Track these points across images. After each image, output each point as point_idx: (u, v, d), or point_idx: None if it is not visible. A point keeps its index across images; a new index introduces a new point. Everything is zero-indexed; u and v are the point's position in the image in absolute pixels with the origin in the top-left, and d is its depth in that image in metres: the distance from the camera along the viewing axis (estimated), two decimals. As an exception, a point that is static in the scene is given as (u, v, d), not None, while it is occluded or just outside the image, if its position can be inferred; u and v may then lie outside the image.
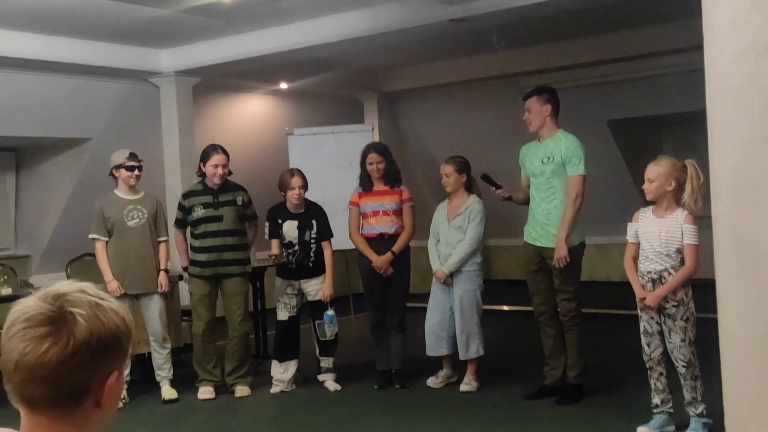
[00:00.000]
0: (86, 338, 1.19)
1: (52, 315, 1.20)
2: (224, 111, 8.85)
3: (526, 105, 5.15)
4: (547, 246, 5.04)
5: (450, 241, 5.52)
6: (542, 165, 5.05)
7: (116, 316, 1.25)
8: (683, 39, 6.59)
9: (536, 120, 5.10)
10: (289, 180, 5.66)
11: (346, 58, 7.72)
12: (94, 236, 5.58)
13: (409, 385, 5.72)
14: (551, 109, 5.09)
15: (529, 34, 7.30)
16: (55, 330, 1.18)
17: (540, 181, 5.08)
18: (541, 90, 5.20)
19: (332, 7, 6.04)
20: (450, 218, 5.56)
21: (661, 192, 4.23)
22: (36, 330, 1.18)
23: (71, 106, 7.05)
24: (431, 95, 9.68)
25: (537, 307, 5.25)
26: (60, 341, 1.18)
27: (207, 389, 5.68)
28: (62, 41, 6.46)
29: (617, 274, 9.91)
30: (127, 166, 5.55)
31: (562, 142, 5.03)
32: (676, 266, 4.20)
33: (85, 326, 1.19)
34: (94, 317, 1.21)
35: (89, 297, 1.24)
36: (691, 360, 4.18)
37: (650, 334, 4.32)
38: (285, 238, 5.70)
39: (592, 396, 5.17)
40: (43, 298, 1.22)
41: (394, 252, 5.67)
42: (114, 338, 1.23)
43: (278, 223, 5.73)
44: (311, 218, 5.72)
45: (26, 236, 7.83)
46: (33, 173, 7.74)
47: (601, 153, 9.09)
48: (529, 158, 5.18)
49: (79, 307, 1.21)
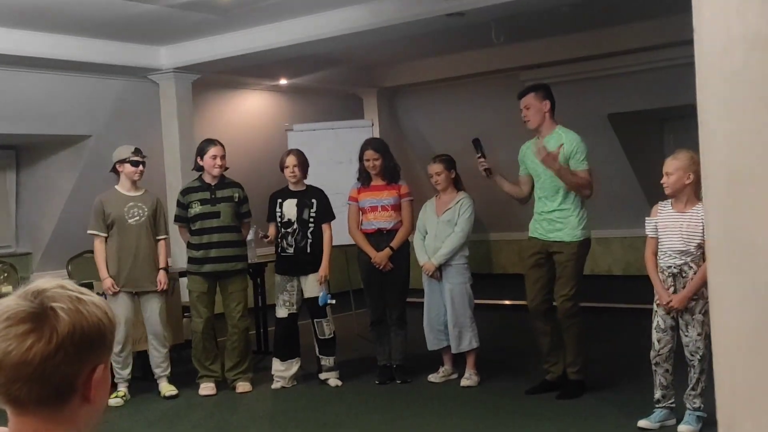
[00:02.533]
0: (69, 332, 1.18)
1: (32, 312, 1.18)
2: (224, 107, 8.84)
3: (523, 102, 5.06)
4: (558, 240, 4.99)
5: (439, 235, 5.57)
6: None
7: (98, 309, 1.24)
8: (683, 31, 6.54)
9: (535, 117, 5.02)
10: (285, 158, 5.72)
11: (345, 53, 7.70)
12: (92, 232, 5.58)
13: (411, 380, 5.73)
14: (549, 104, 5.03)
15: (528, 28, 7.28)
16: (37, 326, 1.17)
17: (544, 179, 5.01)
18: (538, 87, 5.13)
19: (331, 3, 6.03)
20: (439, 213, 5.62)
21: (679, 186, 4.19)
22: (17, 328, 1.17)
23: (71, 103, 7.05)
24: (431, 90, 9.66)
25: (531, 302, 5.18)
26: (43, 337, 1.17)
27: (208, 385, 5.69)
28: (60, 39, 6.45)
29: (619, 268, 9.94)
30: (132, 161, 5.55)
31: (563, 137, 4.96)
32: (697, 260, 4.16)
33: (67, 320, 1.18)
34: (76, 311, 1.20)
35: (69, 292, 1.23)
36: (705, 354, 4.15)
37: (663, 330, 4.29)
38: (284, 216, 5.69)
39: (594, 390, 5.16)
40: (23, 296, 1.21)
41: (393, 247, 5.67)
42: (97, 331, 1.22)
43: (277, 204, 5.73)
44: (311, 197, 5.72)
45: (27, 234, 7.84)
46: (33, 171, 7.74)
47: (602, 147, 9.07)
48: (530, 157, 5.10)
49: (60, 301, 1.20)
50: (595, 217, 9.73)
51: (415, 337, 5.92)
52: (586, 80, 8.70)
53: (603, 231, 9.74)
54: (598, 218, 10.05)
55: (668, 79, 8.02)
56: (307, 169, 5.79)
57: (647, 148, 9.19)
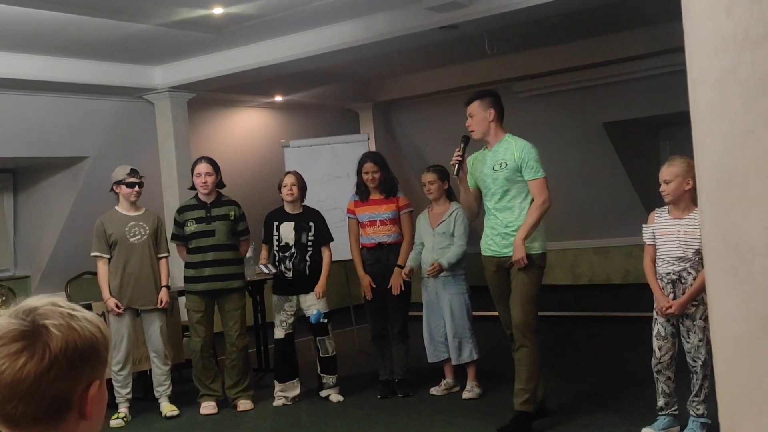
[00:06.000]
0: (62, 348, 1.18)
1: (24, 330, 1.18)
2: (220, 125, 8.86)
3: (468, 111, 4.72)
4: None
5: (436, 247, 5.58)
6: (494, 173, 4.60)
7: (91, 325, 1.23)
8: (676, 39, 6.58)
9: (479, 126, 4.67)
10: (283, 178, 5.74)
11: (340, 68, 7.73)
12: (96, 254, 5.58)
13: (413, 394, 5.70)
14: (494, 113, 4.66)
15: (521, 39, 7.31)
16: (30, 344, 1.17)
17: (494, 191, 4.62)
18: (483, 94, 4.79)
19: (324, 19, 6.06)
20: (434, 225, 5.63)
21: (679, 192, 4.18)
22: (10, 347, 1.17)
23: (67, 125, 7.06)
24: (425, 103, 9.69)
25: (506, 327, 4.79)
26: (36, 355, 1.16)
27: (209, 404, 5.66)
28: (55, 61, 6.47)
29: (618, 277, 9.92)
30: (128, 182, 5.56)
31: (512, 145, 4.61)
32: (695, 266, 4.16)
33: (59, 337, 1.18)
34: (68, 327, 1.20)
35: (61, 309, 1.23)
36: (707, 360, 4.13)
37: (663, 338, 4.28)
38: (282, 240, 5.69)
39: (596, 397, 5.14)
40: (15, 315, 1.21)
41: (401, 265, 5.68)
42: (91, 347, 1.22)
43: (273, 226, 5.72)
44: (309, 220, 5.71)
45: (25, 257, 7.82)
46: (31, 194, 7.74)
47: (598, 156, 9.11)
48: (478, 168, 4.72)
49: (52, 318, 1.20)
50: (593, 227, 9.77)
51: (415, 350, 5.91)
52: (581, 89, 8.73)
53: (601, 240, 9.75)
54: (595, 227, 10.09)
55: (662, 87, 8.04)
56: (305, 193, 5.78)
57: (643, 156, 9.20)
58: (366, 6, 5.80)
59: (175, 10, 5.54)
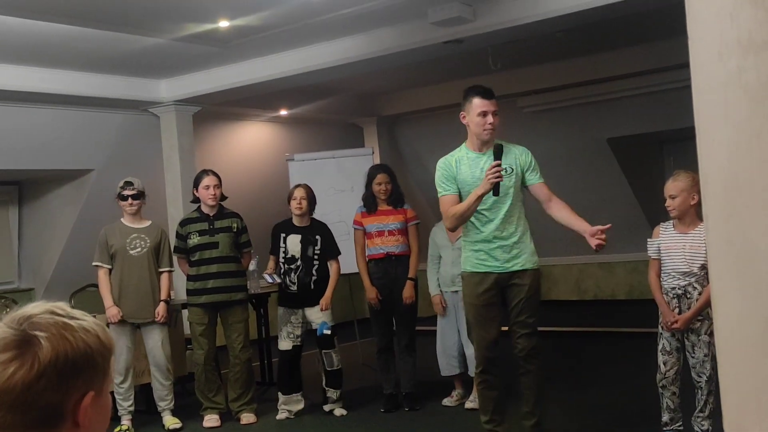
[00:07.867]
0: (51, 359, 1.16)
1: (15, 339, 1.17)
2: (225, 139, 8.88)
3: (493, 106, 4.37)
4: (520, 269, 4.20)
5: (455, 261, 5.51)
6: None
7: (87, 334, 1.21)
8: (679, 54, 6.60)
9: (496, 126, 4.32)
10: (293, 191, 5.72)
11: (344, 83, 7.76)
12: (96, 263, 5.58)
13: (419, 408, 5.67)
14: None
15: (526, 55, 7.33)
16: (20, 354, 1.16)
17: (494, 199, 4.13)
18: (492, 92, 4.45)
19: (329, 33, 6.09)
20: (453, 240, 5.56)
21: (685, 207, 4.17)
22: (2, 356, 1.16)
23: (72, 138, 7.09)
24: (430, 118, 9.71)
25: (488, 349, 4.26)
26: (25, 365, 1.15)
27: (212, 417, 5.64)
28: (61, 74, 6.51)
29: (623, 292, 9.89)
30: (121, 194, 5.57)
31: (512, 149, 4.29)
32: (701, 281, 4.14)
33: (48, 347, 1.16)
34: (60, 337, 1.18)
35: (57, 317, 1.20)
36: (712, 375, 4.11)
37: (668, 353, 4.26)
38: (288, 252, 5.68)
39: (601, 413, 5.11)
40: (8, 323, 1.20)
41: (412, 278, 5.67)
42: (84, 357, 1.19)
43: (280, 238, 5.72)
44: (315, 234, 5.70)
45: (29, 269, 7.83)
46: (35, 206, 7.76)
47: (602, 171, 9.10)
48: (470, 173, 4.22)
49: (44, 329, 1.18)
50: (598, 242, 9.71)
51: (421, 364, 5.88)
52: (584, 105, 8.74)
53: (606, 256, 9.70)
54: (600, 242, 10.04)
55: (666, 102, 8.06)
56: (314, 207, 5.77)
57: (647, 171, 9.20)
58: (371, 21, 5.82)
59: (182, 25, 5.57)
